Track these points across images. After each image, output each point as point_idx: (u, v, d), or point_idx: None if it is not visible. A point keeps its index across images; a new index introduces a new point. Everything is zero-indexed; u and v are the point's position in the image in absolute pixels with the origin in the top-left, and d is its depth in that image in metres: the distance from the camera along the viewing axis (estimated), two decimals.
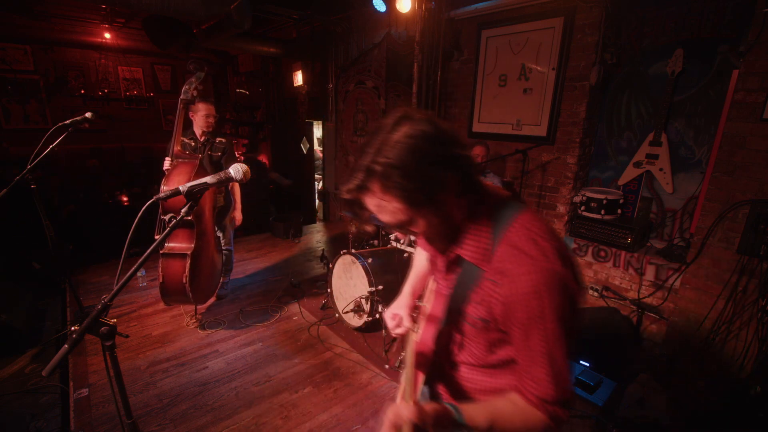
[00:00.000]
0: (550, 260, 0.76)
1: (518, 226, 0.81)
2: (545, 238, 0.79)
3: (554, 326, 0.77)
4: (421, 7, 3.85)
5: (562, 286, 0.76)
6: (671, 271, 2.79)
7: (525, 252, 0.78)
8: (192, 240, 2.72)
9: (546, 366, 0.79)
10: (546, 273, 0.76)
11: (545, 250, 0.77)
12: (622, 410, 2.15)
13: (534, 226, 0.81)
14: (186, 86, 2.84)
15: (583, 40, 3.08)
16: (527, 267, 0.77)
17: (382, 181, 0.74)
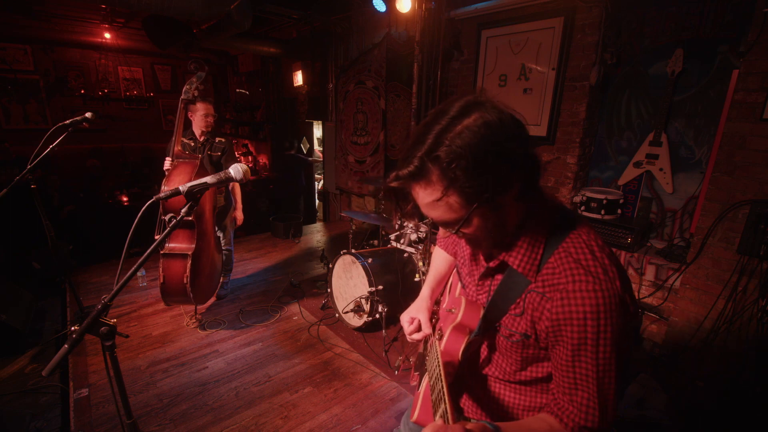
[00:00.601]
0: (612, 279, 0.70)
1: (577, 239, 0.74)
2: (608, 255, 0.73)
3: (609, 351, 0.70)
4: (421, 7, 3.85)
5: (623, 309, 0.70)
6: (671, 271, 2.79)
7: (584, 266, 0.71)
8: (193, 240, 2.72)
9: (593, 392, 0.72)
10: (608, 293, 0.69)
11: (606, 267, 0.71)
12: (622, 410, 2.15)
13: (592, 239, 0.74)
14: (187, 86, 2.84)
15: (583, 40, 3.08)
16: (587, 284, 0.70)
17: (443, 171, 0.65)
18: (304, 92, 6.22)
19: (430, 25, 3.93)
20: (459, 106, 0.68)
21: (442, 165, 0.65)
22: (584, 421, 0.74)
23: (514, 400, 0.92)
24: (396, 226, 3.32)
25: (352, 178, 5.81)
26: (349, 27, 5.20)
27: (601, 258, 0.72)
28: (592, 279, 0.70)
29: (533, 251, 0.77)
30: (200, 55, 7.23)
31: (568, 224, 0.76)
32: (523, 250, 0.78)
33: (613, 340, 0.70)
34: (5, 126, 6.32)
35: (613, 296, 0.69)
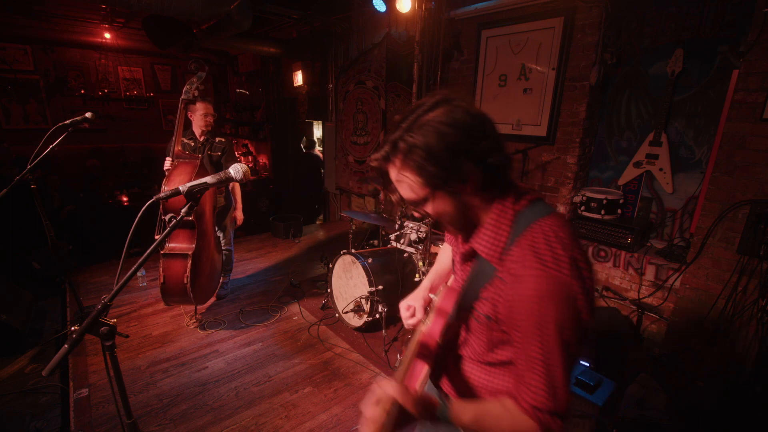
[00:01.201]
0: (561, 269, 0.73)
1: (538, 229, 0.78)
2: (564, 245, 0.76)
3: (554, 336, 0.74)
4: (421, 7, 3.85)
5: (568, 298, 0.73)
6: (671, 271, 2.79)
7: (536, 254, 0.75)
8: (193, 240, 2.72)
9: (542, 374, 0.76)
10: (553, 281, 0.73)
11: (559, 258, 0.74)
12: (622, 410, 2.15)
13: (555, 232, 0.77)
14: (187, 86, 2.84)
15: (583, 40, 3.08)
16: (535, 271, 0.74)
17: (403, 158, 0.77)
18: (304, 92, 6.22)
19: (430, 25, 3.93)
20: (431, 102, 0.77)
21: (405, 152, 0.76)
22: (535, 401, 0.77)
23: (484, 381, 0.96)
24: (396, 226, 3.32)
25: (352, 178, 5.81)
26: (349, 27, 5.20)
27: (555, 248, 0.75)
28: (540, 266, 0.74)
29: (497, 239, 0.82)
30: (200, 55, 7.23)
31: (536, 216, 0.80)
32: (488, 237, 0.83)
33: (557, 326, 0.73)
34: (5, 126, 6.32)
35: (558, 284, 0.73)
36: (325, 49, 5.59)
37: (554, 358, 0.75)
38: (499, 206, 0.83)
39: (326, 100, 5.86)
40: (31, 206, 2.57)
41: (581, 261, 0.76)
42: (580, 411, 2.09)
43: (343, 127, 5.79)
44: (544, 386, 0.76)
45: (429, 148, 0.74)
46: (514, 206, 0.82)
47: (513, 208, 0.82)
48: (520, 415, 0.79)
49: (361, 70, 5.23)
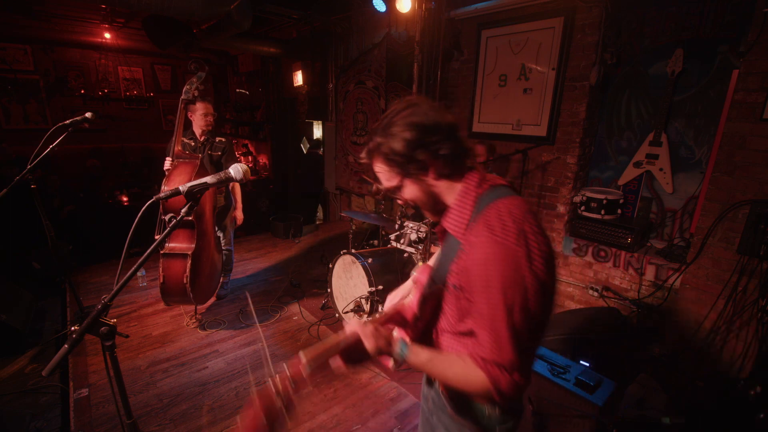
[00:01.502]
0: (507, 237, 0.84)
1: (494, 206, 0.90)
2: (514, 219, 0.86)
3: (498, 295, 0.83)
4: (421, 7, 3.85)
5: (511, 261, 0.83)
6: (671, 271, 2.79)
7: (489, 226, 0.86)
8: (193, 240, 2.72)
9: (488, 328, 0.86)
10: (497, 246, 0.84)
11: (507, 228, 0.85)
12: (622, 410, 2.15)
13: (508, 209, 0.88)
14: (187, 86, 2.84)
15: (583, 40, 3.08)
16: (484, 239, 0.86)
17: (376, 155, 0.96)
18: (304, 92, 6.21)
19: (430, 25, 3.93)
20: (400, 106, 0.94)
21: (376, 150, 0.95)
22: (482, 353, 0.87)
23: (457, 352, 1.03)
24: (396, 226, 3.32)
25: (353, 178, 5.81)
26: (349, 27, 5.20)
27: (505, 221, 0.86)
28: (489, 233, 0.85)
29: (462, 217, 0.95)
30: (200, 55, 7.23)
31: (495, 197, 0.92)
32: (455, 216, 0.96)
33: (501, 286, 0.83)
34: (5, 126, 6.31)
35: (503, 249, 0.83)
36: (325, 49, 5.58)
37: (499, 313, 0.84)
38: (464, 190, 0.96)
39: (326, 100, 5.86)
40: (31, 206, 2.57)
41: (530, 233, 0.86)
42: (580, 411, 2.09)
43: (343, 127, 5.79)
44: (490, 339, 0.86)
45: (391, 144, 0.91)
46: (476, 189, 0.95)
47: (476, 191, 0.95)
48: (471, 365, 0.88)
49: (361, 70, 5.23)
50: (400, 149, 0.91)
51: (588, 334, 2.73)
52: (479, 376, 0.87)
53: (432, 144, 0.91)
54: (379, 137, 0.93)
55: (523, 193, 3.69)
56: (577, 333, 2.76)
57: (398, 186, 0.98)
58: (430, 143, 0.91)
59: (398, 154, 0.91)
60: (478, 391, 0.89)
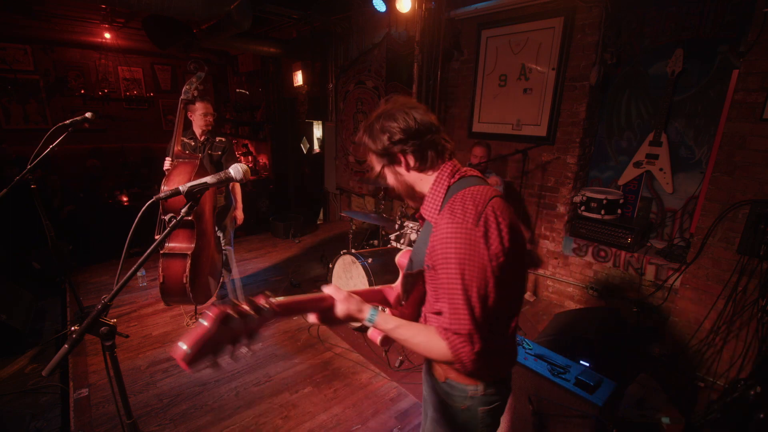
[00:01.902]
0: (466, 219, 0.94)
1: (462, 194, 1.00)
2: (476, 203, 0.96)
3: (454, 270, 0.92)
4: (421, 7, 3.85)
5: (467, 239, 0.92)
6: (671, 271, 2.79)
7: (452, 210, 0.97)
8: (192, 240, 2.72)
9: (446, 301, 0.94)
10: (456, 226, 0.93)
11: (467, 212, 0.95)
12: (622, 410, 2.15)
13: (472, 195, 0.98)
14: (186, 86, 2.84)
15: (583, 40, 3.08)
16: (446, 220, 0.96)
17: (365, 143, 1.11)
18: (304, 92, 6.21)
19: (430, 25, 3.93)
20: (384, 108, 1.08)
21: (363, 141, 1.11)
22: (443, 323, 0.95)
23: None
24: (396, 226, 3.32)
25: (353, 178, 5.81)
26: (349, 27, 5.19)
27: (466, 205, 0.96)
28: (450, 216, 0.96)
29: (434, 204, 1.05)
30: (200, 55, 7.23)
31: (463, 186, 1.02)
32: (429, 203, 1.07)
33: (458, 262, 0.92)
34: (5, 126, 6.31)
35: (460, 229, 0.93)
36: (325, 49, 5.58)
37: (455, 286, 0.92)
38: (437, 180, 1.07)
39: (326, 100, 5.86)
40: (31, 206, 2.57)
41: (491, 216, 0.95)
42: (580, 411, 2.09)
43: (344, 127, 5.79)
44: (449, 309, 0.94)
45: (370, 141, 1.08)
46: (448, 179, 1.06)
47: (448, 181, 1.06)
48: (434, 333, 0.97)
49: (361, 70, 5.23)
50: (375, 147, 1.07)
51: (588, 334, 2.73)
52: (441, 344, 0.95)
53: (400, 142, 1.04)
54: (363, 133, 1.10)
55: (523, 193, 3.69)
56: (577, 333, 2.76)
57: (380, 172, 1.13)
58: (399, 141, 1.04)
59: (375, 150, 1.08)
60: (441, 358, 0.98)
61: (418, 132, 1.04)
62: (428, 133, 1.05)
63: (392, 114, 1.05)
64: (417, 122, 1.04)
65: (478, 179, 1.08)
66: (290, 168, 6.92)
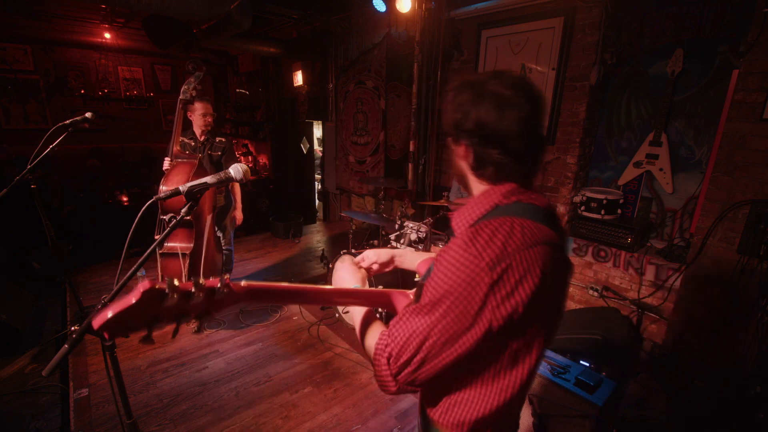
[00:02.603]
0: (482, 255, 0.71)
1: (502, 222, 0.76)
2: (508, 241, 0.73)
3: (432, 300, 0.74)
4: (421, 7, 3.85)
5: (468, 281, 0.71)
6: (671, 271, 2.79)
7: (476, 234, 0.74)
8: (191, 239, 2.73)
9: (408, 315, 0.78)
10: (466, 257, 0.72)
11: (489, 247, 0.72)
12: (622, 410, 2.15)
13: (512, 230, 0.74)
14: (185, 86, 2.84)
15: (583, 40, 3.08)
16: (463, 243, 0.74)
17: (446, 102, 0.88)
18: (304, 92, 6.21)
19: (430, 25, 3.93)
20: (485, 80, 0.83)
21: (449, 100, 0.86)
22: (385, 340, 0.80)
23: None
24: (396, 226, 3.32)
25: (353, 178, 5.81)
26: (349, 27, 5.19)
27: (493, 237, 0.73)
28: (470, 242, 0.73)
29: (469, 216, 0.86)
30: (200, 55, 7.23)
31: (511, 213, 0.80)
32: (465, 213, 0.87)
33: (441, 294, 0.73)
34: (5, 126, 6.31)
35: (468, 265, 0.71)
36: (325, 49, 5.58)
37: (419, 316, 0.75)
38: (487, 193, 0.85)
39: (326, 100, 5.86)
40: (31, 206, 2.57)
41: (517, 268, 0.71)
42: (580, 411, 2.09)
43: (344, 127, 5.79)
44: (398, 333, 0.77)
45: (450, 105, 0.85)
46: (500, 198, 0.83)
47: (498, 199, 0.83)
48: (377, 337, 0.83)
49: (361, 70, 5.23)
50: (445, 116, 0.87)
51: (588, 334, 2.73)
52: (372, 350, 0.83)
53: (467, 133, 0.83)
54: (451, 92, 0.86)
55: None
56: (577, 333, 2.76)
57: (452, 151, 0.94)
58: (466, 131, 0.83)
59: (449, 123, 0.86)
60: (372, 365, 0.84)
61: (489, 139, 0.81)
62: (500, 148, 0.81)
63: (485, 94, 0.80)
64: (496, 127, 0.79)
65: (539, 213, 0.81)
66: (290, 168, 6.93)
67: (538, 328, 0.79)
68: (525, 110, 0.78)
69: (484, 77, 0.82)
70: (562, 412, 2.08)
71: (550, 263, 0.75)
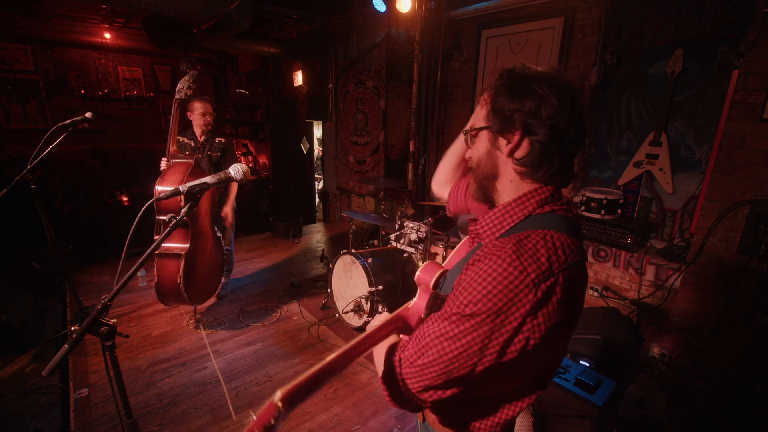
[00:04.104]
0: (527, 271, 0.65)
1: (543, 235, 0.70)
2: (552, 258, 0.68)
3: (462, 305, 0.69)
4: (421, 7, 3.85)
5: (512, 296, 0.65)
6: (671, 271, 2.79)
7: (520, 248, 0.68)
8: (187, 240, 2.71)
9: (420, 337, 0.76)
10: (510, 271, 0.66)
11: (535, 263, 0.66)
12: (622, 410, 2.15)
13: (555, 247, 0.69)
14: (180, 86, 2.83)
15: (583, 40, 3.08)
16: (504, 256, 0.67)
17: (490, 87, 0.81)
18: (304, 92, 6.22)
19: (430, 25, 3.93)
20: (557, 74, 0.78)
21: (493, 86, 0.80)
22: (401, 351, 0.81)
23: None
24: (396, 226, 3.32)
25: (353, 178, 5.81)
26: (349, 27, 5.19)
27: (537, 252, 0.68)
28: (513, 255, 0.67)
29: (500, 223, 0.79)
30: (200, 55, 7.23)
31: (549, 226, 0.74)
32: (494, 219, 0.80)
33: (478, 300, 0.67)
34: (5, 126, 6.31)
35: (513, 280, 0.65)
36: (325, 49, 5.58)
37: (445, 323, 0.71)
38: (521, 199, 0.78)
39: (326, 100, 5.86)
40: (31, 206, 2.57)
41: (563, 287, 0.67)
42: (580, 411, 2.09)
43: (344, 127, 5.79)
44: (417, 342, 0.76)
45: (509, 91, 0.76)
46: (535, 206, 0.77)
47: (532, 207, 0.77)
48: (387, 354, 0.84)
49: (361, 70, 5.23)
50: (504, 103, 0.76)
51: (588, 334, 2.73)
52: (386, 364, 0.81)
53: (535, 125, 0.74)
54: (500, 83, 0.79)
55: None
56: (577, 333, 2.76)
57: (476, 131, 0.83)
58: (534, 123, 0.73)
59: (500, 106, 0.76)
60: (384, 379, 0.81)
61: (558, 135, 0.74)
62: (561, 146, 0.75)
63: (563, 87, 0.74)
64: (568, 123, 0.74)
65: (571, 225, 0.77)
66: (290, 168, 6.93)
67: (564, 345, 0.78)
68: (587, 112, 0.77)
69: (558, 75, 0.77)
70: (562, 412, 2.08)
71: (584, 283, 0.74)
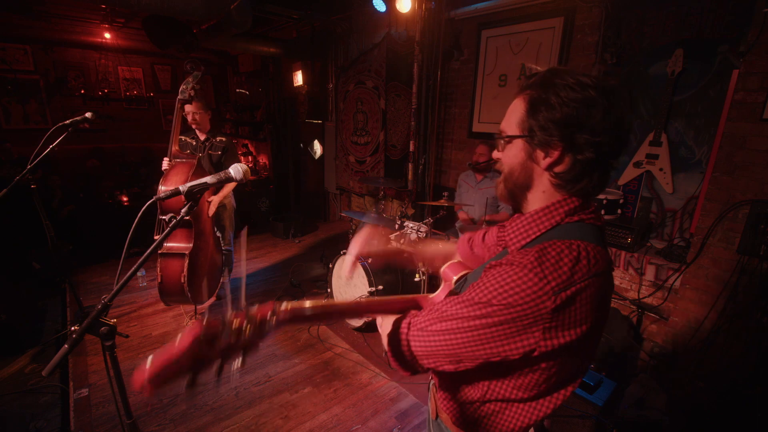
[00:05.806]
0: (548, 280, 0.65)
1: (569, 246, 0.69)
2: (575, 268, 0.66)
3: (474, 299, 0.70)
4: (421, 7, 3.85)
5: (530, 303, 0.65)
6: (671, 271, 2.79)
7: (542, 257, 0.67)
8: (190, 240, 2.72)
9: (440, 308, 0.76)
10: (530, 278, 0.65)
11: (557, 272, 0.65)
12: (622, 410, 2.15)
13: (580, 257, 0.67)
14: (183, 86, 2.84)
15: (583, 40, 3.08)
16: (526, 266, 0.66)
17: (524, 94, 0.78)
18: (304, 92, 6.21)
19: (430, 25, 3.93)
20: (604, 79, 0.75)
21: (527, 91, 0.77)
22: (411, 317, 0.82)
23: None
24: (396, 226, 3.32)
25: (353, 178, 5.81)
26: (349, 27, 5.19)
27: (559, 262, 0.67)
28: (535, 264, 0.66)
29: (525, 232, 0.79)
30: (200, 55, 7.22)
31: (576, 236, 0.72)
32: (520, 228, 0.80)
33: (489, 298, 0.68)
34: (5, 126, 6.31)
35: (531, 287, 0.65)
36: (325, 49, 5.58)
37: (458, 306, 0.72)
38: (550, 209, 0.77)
39: (326, 100, 5.86)
40: (31, 206, 2.57)
41: (586, 297, 0.66)
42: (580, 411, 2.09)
43: (344, 127, 5.79)
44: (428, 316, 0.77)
45: (548, 96, 0.72)
46: (563, 216, 0.76)
47: (561, 217, 0.76)
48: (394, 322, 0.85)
49: (361, 70, 5.23)
50: (544, 112, 0.72)
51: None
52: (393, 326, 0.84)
53: (577, 137, 0.70)
54: (539, 88, 0.74)
55: None
56: None
57: (509, 138, 0.80)
58: (575, 136, 0.70)
59: (539, 115, 0.73)
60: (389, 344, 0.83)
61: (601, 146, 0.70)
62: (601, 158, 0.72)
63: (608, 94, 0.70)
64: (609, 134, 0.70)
65: (598, 235, 0.75)
66: (290, 168, 6.92)
67: (585, 356, 0.78)
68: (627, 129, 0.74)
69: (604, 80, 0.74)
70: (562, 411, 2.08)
71: (609, 293, 0.73)
